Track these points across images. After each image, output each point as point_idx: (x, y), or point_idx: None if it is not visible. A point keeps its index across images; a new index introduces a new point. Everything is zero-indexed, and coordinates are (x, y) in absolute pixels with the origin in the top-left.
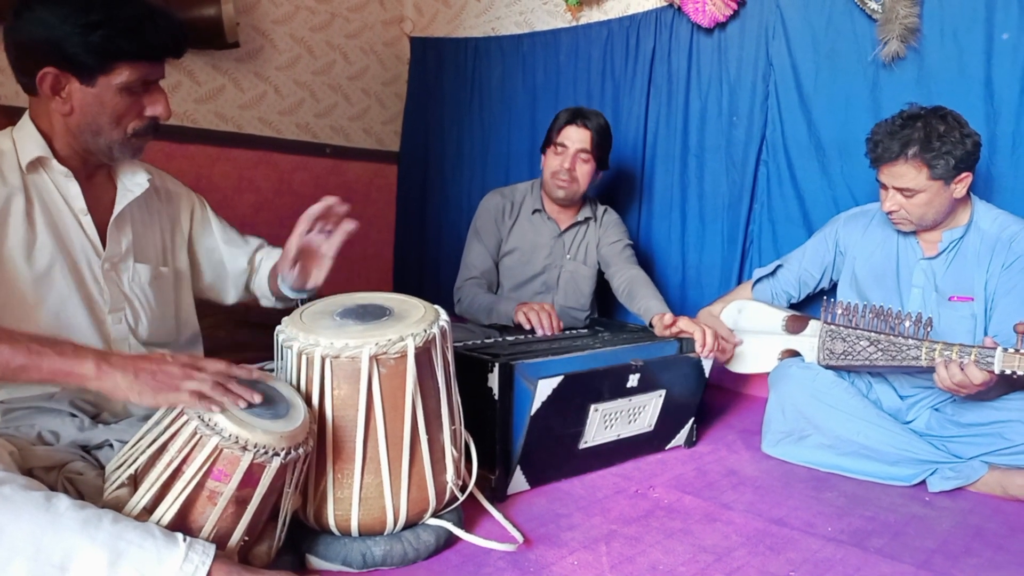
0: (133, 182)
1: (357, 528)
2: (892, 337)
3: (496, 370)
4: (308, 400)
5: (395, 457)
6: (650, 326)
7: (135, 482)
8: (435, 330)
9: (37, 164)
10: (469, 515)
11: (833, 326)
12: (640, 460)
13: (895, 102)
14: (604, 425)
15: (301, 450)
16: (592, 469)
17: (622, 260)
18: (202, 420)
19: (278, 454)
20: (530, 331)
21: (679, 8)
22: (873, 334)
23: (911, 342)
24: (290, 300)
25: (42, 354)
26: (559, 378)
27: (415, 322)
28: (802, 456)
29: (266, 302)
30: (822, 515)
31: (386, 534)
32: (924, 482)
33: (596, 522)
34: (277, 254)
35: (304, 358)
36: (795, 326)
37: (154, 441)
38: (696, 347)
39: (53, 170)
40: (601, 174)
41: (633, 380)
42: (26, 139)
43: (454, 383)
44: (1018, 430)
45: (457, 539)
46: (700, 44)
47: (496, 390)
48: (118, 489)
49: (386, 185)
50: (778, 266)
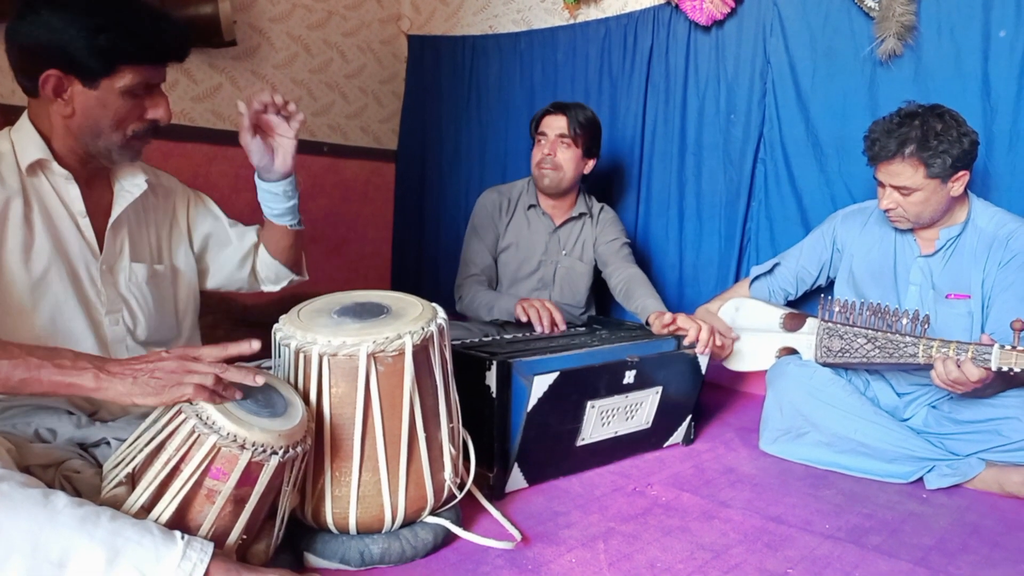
0: (131, 184)
1: (355, 526)
2: (889, 335)
3: (494, 368)
4: (306, 398)
5: (393, 455)
6: (647, 324)
7: (133, 480)
8: (433, 328)
9: (37, 167)
10: (467, 513)
11: (831, 324)
12: (638, 458)
13: (892, 100)
14: (601, 422)
15: (299, 448)
16: (590, 467)
17: (619, 259)
18: (200, 418)
19: (276, 452)
20: (529, 329)
21: (677, 6)
22: (870, 332)
23: (908, 339)
24: (289, 260)
25: (41, 367)
26: (555, 374)
27: (413, 320)
28: (800, 454)
29: (269, 284)
30: (820, 512)
31: (384, 532)
32: (921, 479)
33: (594, 520)
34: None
35: (302, 356)
36: (793, 324)
37: (152, 439)
38: (686, 342)
39: (53, 173)
40: (591, 164)
41: (629, 376)
42: (25, 141)
43: (452, 381)
44: (1015, 427)
45: (455, 537)
46: (698, 42)
47: (494, 388)
48: (116, 487)
49: (384, 183)
50: (775, 264)
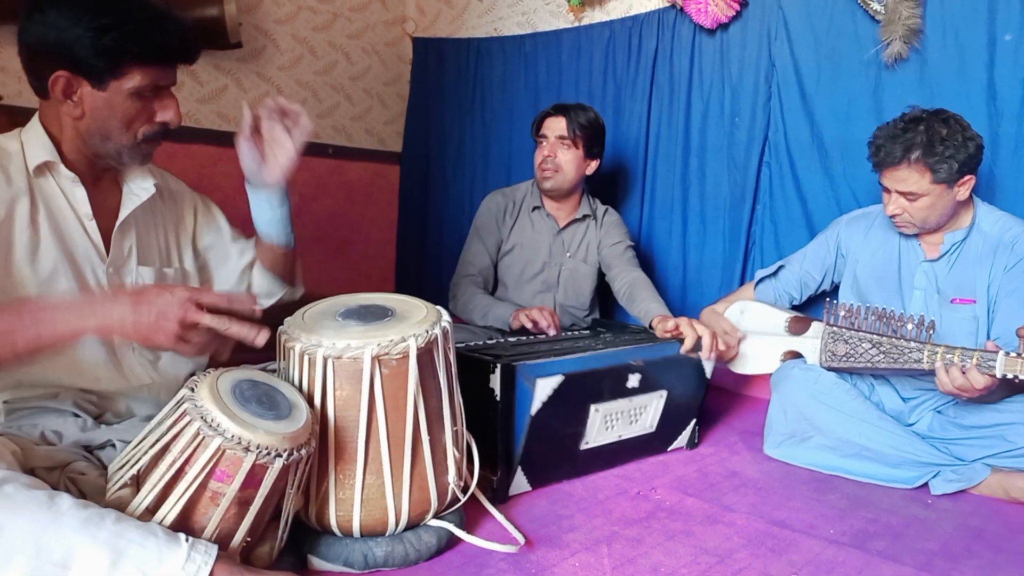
0: (139, 186)
1: (359, 529)
2: (894, 340)
3: (498, 371)
4: (310, 401)
5: (397, 458)
6: (651, 328)
7: (138, 482)
8: (437, 331)
9: (44, 168)
10: (471, 516)
11: (835, 328)
12: (642, 461)
13: (897, 103)
14: (605, 426)
15: (303, 451)
16: (594, 470)
17: (623, 262)
18: (205, 421)
19: (280, 455)
20: (530, 332)
21: (681, 8)
22: (875, 336)
23: (913, 345)
24: (282, 274)
25: (40, 310)
26: (559, 377)
27: (417, 323)
28: (804, 458)
29: (264, 298)
30: (824, 517)
31: (388, 535)
32: (926, 484)
33: (598, 523)
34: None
35: (306, 359)
36: (797, 327)
37: (157, 441)
38: (682, 349)
39: (60, 175)
40: (594, 165)
41: (633, 380)
42: (34, 142)
43: (456, 384)
44: (1020, 432)
45: (459, 540)
46: (702, 45)
47: (498, 391)
48: (121, 489)
49: (388, 185)
50: (780, 266)
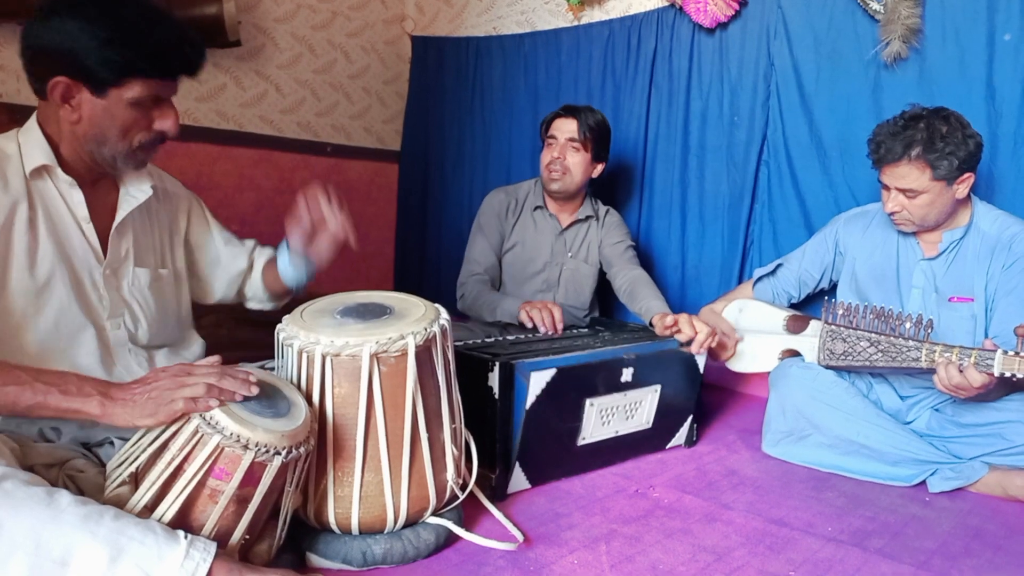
0: (136, 189)
1: (357, 526)
2: (892, 338)
3: (496, 369)
4: (309, 399)
5: (395, 455)
6: (650, 325)
7: (136, 480)
8: (435, 329)
9: (41, 171)
10: (469, 514)
11: (834, 326)
12: (640, 459)
13: (897, 103)
14: (601, 421)
15: (302, 449)
16: (592, 468)
17: (624, 261)
18: (203, 419)
19: (279, 453)
20: (532, 330)
21: (680, 8)
22: (873, 335)
23: (911, 343)
24: (279, 299)
25: (48, 393)
26: (552, 371)
27: (415, 321)
28: (802, 456)
29: (255, 304)
30: (822, 515)
31: (386, 532)
32: (924, 482)
33: (596, 521)
34: (269, 252)
35: (305, 356)
36: (796, 326)
37: (155, 439)
38: (681, 339)
39: (58, 178)
40: (600, 168)
41: (627, 374)
42: (32, 144)
43: (454, 382)
44: (1018, 431)
45: (457, 538)
46: (701, 44)
47: (496, 389)
48: (119, 487)
49: (387, 184)
50: (778, 265)
